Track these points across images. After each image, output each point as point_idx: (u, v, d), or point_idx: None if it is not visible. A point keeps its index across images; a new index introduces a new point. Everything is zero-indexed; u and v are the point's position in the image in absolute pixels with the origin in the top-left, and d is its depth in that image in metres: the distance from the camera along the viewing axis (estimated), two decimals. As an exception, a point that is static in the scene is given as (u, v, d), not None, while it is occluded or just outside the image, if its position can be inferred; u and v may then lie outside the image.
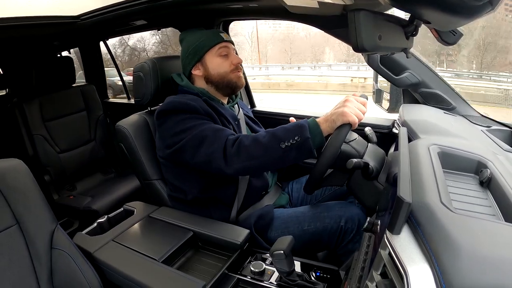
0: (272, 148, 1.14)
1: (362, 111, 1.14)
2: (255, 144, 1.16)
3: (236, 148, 1.17)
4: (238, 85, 1.48)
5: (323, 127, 1.14)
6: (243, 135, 1.21)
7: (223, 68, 1.44)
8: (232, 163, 1.18)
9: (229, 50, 1.47)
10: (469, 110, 1.54)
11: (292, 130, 1.14)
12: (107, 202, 2.25)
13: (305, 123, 1.14)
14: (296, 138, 1.12)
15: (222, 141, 1.20)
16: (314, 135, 1.13)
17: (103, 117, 2.82)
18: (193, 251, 1.26)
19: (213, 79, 1.45)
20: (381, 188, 1.14)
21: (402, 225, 0.61)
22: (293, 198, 1.66)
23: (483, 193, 0.79)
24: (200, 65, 1.46)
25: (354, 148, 1.21)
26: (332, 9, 1.28)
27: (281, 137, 1.14)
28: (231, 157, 1.18)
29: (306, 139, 1.11)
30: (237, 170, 1.19)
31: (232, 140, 1.20)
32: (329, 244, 1.33)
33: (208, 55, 1.44)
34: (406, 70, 1.53)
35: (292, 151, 1.13)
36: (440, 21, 0.90)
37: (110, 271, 1.12)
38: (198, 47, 1.44)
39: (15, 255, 1.00)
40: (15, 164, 1.10)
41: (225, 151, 1.19)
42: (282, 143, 1.12)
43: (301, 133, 1.12)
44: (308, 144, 1.11)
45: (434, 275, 0.51)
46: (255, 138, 1.17)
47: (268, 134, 1.17)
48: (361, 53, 0.92)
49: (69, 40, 2.78)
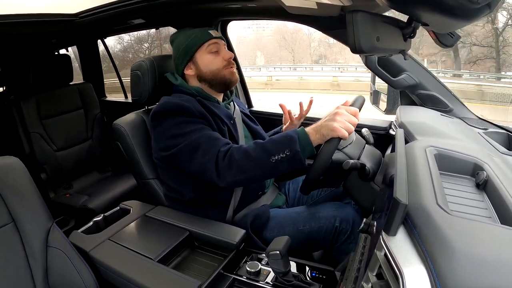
0: (262, 161, 1.14)
1: (352, 123, 1.12)
2: (245, 158, 1.16)
3: (227, 161, 1.17)
4: (232, 80, 1.47)
5: (313, 138, 1.13)
6: (233, 148, 1.21)
7: (215, 65, 1.43)
8: (224, 177, 1.18)
9: (219, 46, 1.46)
10: (466, 113, 1.55)
11: (282, 143, 1.13)
12: (103, 200, 2.25)
13: (295, 135, 1.13)
14: (286, 152, 1.11)
15: (214, 153, 1.20)
16: (304, 147, 1.12)
17: (100, 116, 2.81)
18: (189, 251, 1.26)
19: (206, 77, 1.44)
20: (377, 189, 1.14)
21: (398, 226, 0.61)
22: (289, 199, 1.66)
23: (479, 195, 0.79)
24: (191, 64, 1.45)
25: (347, 154, 1.20)
26: (330, 10, 1.28)
27: (271, 151, 1.13)
28: (223, 170, 1.18)
29: (296, 152, 1.11)
30: (229, 183, 1.20)
31: (223, 153, 1.19)
32: (324, 244, 1.33)
33: (199, 54, 1.43)
34: (404, 72, 1.53)
35: (283, 164, 1.13)
36: (438, 23, 0.90)
37: (105, 270, 1.12)
38: (188, 46, 1.43)
39: (10, 253, 0.99)
40: (12, 162, 1.09)
41: (217, 163, 1.19)
42: (273, 157, 1.12)
43: (291, 146, 1.11)
44: (298, 157, 1.11)
45: (429, 277, 0.51)
46: (245, 152, 1.17)
47: (258, 148, 1.16)
48: (359, 54, 0.92)
49: (67, 38, 2.77)
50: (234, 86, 1.53)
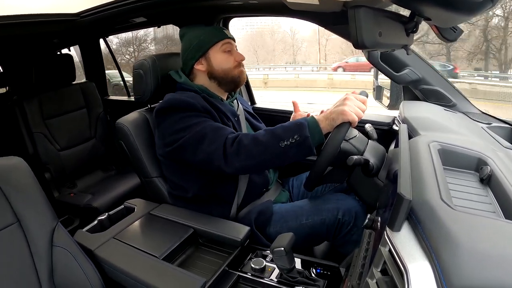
0: (271, 147, 1.14)
1: (361, 109, 1.14)
2: (254, 143, 1.16)
3: (235, 147, 1.18)
4: (241, 80, 1.48)
5: (323, 125, 1.14)
6: (242, 134, 1.21)
7: (227, 64, 1.44)
8: (232, 162, 1.18)
9: (232, 47, 1.47)
10: (469, 107, 1.54)
11: (291, 129, 1.14)
12: (107, 199, 2.25)
13: (305, 122, 1.14)
14: (295, 137, 1.12)
15: (221, 140, 1.20)
16: (313, 133, 1.12)
17: (103, 115, 2.81)
18: (194, 248, 1.26)
19: (217, 74, 1.45)
20: (381, 185, 1.14)
21: (402, 222, 0.61)
22: (293, 195, 1.66)
23: (483, 190, 0.79)
24: (203, 60, 1.45)
25: (354, 145, 1.20)
26: (332, 5, 1.27)
27: (280, 136, 1.14)
28: (231, 156, 1.18)
29: (305, 137, 1.11)
30: (237, 169, 1.20)
31: (231, 139, 1.20)
32: (327, 236, 1.33)
33: (212, 51, 1.44)
34: (406, 67, 1.52)
35: (292, 150, 1.13)
36: (441, 17, 0.90)
37: (111, 268, 1.13)
38: (202, 42, 1.43)
39: (15, 253, 1.00)
40: (16, 162, 1.10)
41: (225, 150, 1.19)
42: (282, 142, 1.13)
43: (300, 131, 1.12)
44: (307, 142, 1.11)
45: (434, 272, 0.51)
46: (254, 137, 1.17)
47: (267, 133, 1.17)
48: (361, 50, 0.92)
49: (68, 38, 2.77)
50: (241, 85, 1.54)
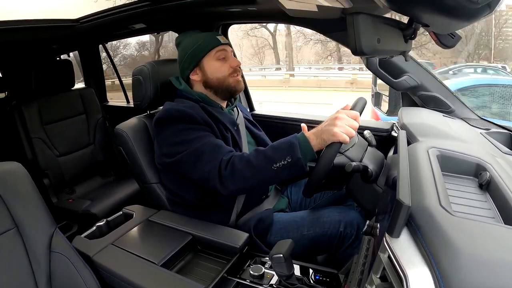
0: (264, 169, 1.15)
1: (353, 127, 1.12)
2: (247, 167, 1.16)
3: (229, 170, 1.18)
4: (237, 89, 1.46)
5: (314, 143, 1.13)
6: (235, 156, 1.21)
7: (221, 72, 1.42)
8: (226, 185, 1.19)
9: (227, 53, 1.45)
10: (468, 113, 1.55)
11: (283, 150, 1.14)
12: (106, 205, 2.24)
13: (296, 142, 1.14)
14: (287, 159, 1.12)
15: (217, 162, 1.20)
16: (305, 153, 1.13)
17: (102, 121, 2.81)
18: (192, 255, 1.25)
19: (211, 83, 1.43)
20: (380, 191, 1.14)
21: (401, 228, 0.61)
22: (292, 201, 1.65)
23: (483, 196, 0.79)
24: (198, 69, 1.44)
25: (348, 157, 1.20)
26: (330, 12, 1.28)
27: (272, 158, 1.14)
28: (225, 179, 1.19)
29: (297, 159, 1.11)
30: (232, 191, 1.21)
31: (225, 162, 1.20)
32: (329, 249, 1.33)
33: (206, 59, 1.42)
34: (405, 73, 1.53)
35: (284, 171, 1.13)
36: (439, 24, 0.90)
37: (109, 274, 1.12)
38: (195, 51, 1.42)
39: (13, 258, 0.99)
40: (14, 168, 1.10)
41: (220, 172, 1.20)
42: (274, 165, 1.13)
43: (292, 152, 1.12)
44: (299, 163, 1.12)
45: (433, 279, 0.51)
46: (247, 160, 1.18)
47: (260, 155, 1.17)
48: (360, 56, 0.92)
49: (68, 44, 2.78)
50: (238, 94, 1.53)
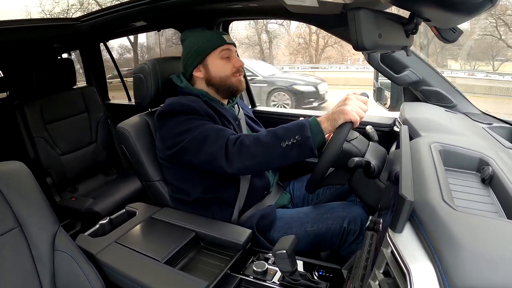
0: (273, 147, 1.14)
1: (363, 109, 1.13)
2: (256, 144, 1.16)
3: (237, 147, 1.18)
4: (238, 89, 1.47)
5: (324, 125, 1.14)
6: (244, 135, 1.21)
7: (224, 72, 1.43)
8: (233, 162, 1.18)
9: (231, 53, 1.45)
10: (470, 108, 1.54)
11: (293, 129, 1.14)
12: (109, 203, 2.25)
13: (306, 122, 1.14)
14: (297, 137, 1.12)
15: (223, 140, 1.20)
16: (315, 134, 1.12)
17: (104, 119, 2.81)
18: (196, 252, 1.26)
19: (214, 82, 1.44)
20: (382, 186, 1.14)
21: (404, 223, 0.61)
22: (294, 197, 1.66)
23: (485, 191, 0.79)
24: (202, 67, 1.44)
25: (355, 146, 1.20)
26: (332, 8, 1.28)
27: (282, 136, 1.14)
28: (233, 156, 1.18)
29: (307, 138, 1.11)
30: (239, 169, 1.20)
31: (233, 140, 1.20)
32: (332, 245, 1.33)
33: (210, 57, 1.43)
34: (407, 68, 1.52)
35: (293, 150, 1.13)
36: (440, 18, 0.90)
37: (112, 272, 1.12)
38: (200, 48, 1.42)
39: (17, 257, 1.00)
40: (17, 167, 1.10)
41: (227, 150, 1.19)
42: (283, 142, 1.13)
43: (302, 132, 1.12)
44: (309, 143, 1.11)
45: (436, 273, 0.51)
46: (256, 138, 1.18)
47: (269, 134, 1.17)
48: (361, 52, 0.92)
49: (69, 42, 2.78)
50: (240, 93, 1.53)
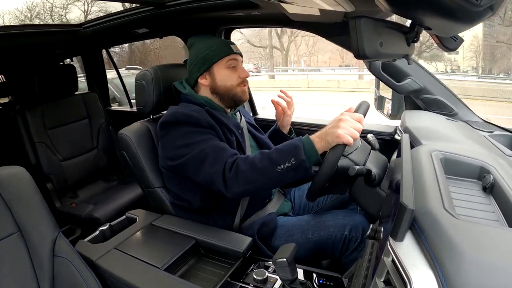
0: (268, 172, 1.14)
1: (357, 129, 1.11)
2: (252, 169, 1.16)
3: (234, 172, 1.18)
4: (242, 99, 1.47)
5: (318, 146, 1.13)
6: (240, 158, 1.21)
7: (230, 81, 1.43)
8: (231, 188, 1.19)
9: (237, 63, 1.45)
10: (471, 116, 1.54)
11: (287, 152, 1.14)
12: (109, 210, 2.24)
13: (300, 144, 1.13)
14: (292, 161, 1.11)
15: (221, 164, 1.20)
16: (309, 155, 1.12)
17: (105, 125, 2.82)
18: (196, 259, 1.25)
19: (219, 90, 1.44)
20: (383, 194, 1.13)
21: (405, 232, 0.61)
22: (295, 205, 1.65)
23: (486, 199, 0.79)
24: (207, 74, 1.44)
25: (352, 160, 1.20)
26: (333, 16, 1.29)
27: (277, 160, 1.13)
28: (231, 182, 1.18)
29: (302, 161, 1.11)
30: (237, 194, 1.20)
31: (230, 164, 1.20)
32: (334, 252, 1.32)
33: (217, 66, 1.43)
34: (408, 77, 1.53)
35: (289, 173, 1.13)
36: (441, 27, 0.90)
37: (112, 279, 1.12)
38: (207, 56, 1.42)
39: (17, 262, 1.00)
40: (18, 172, 1.10)
41: (224, 175, 1.19)
42: (278, 167, 1.12)
43: (296, 155, 1.11)
44: (304, 165, 1.11)
45: (437, 282, 0.50)
46: (251, 163, 1.17)
47: (264, 158, 1.17)
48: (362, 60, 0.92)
49: (71, 48, 2.79)
50: (243, 104, 1.54)
